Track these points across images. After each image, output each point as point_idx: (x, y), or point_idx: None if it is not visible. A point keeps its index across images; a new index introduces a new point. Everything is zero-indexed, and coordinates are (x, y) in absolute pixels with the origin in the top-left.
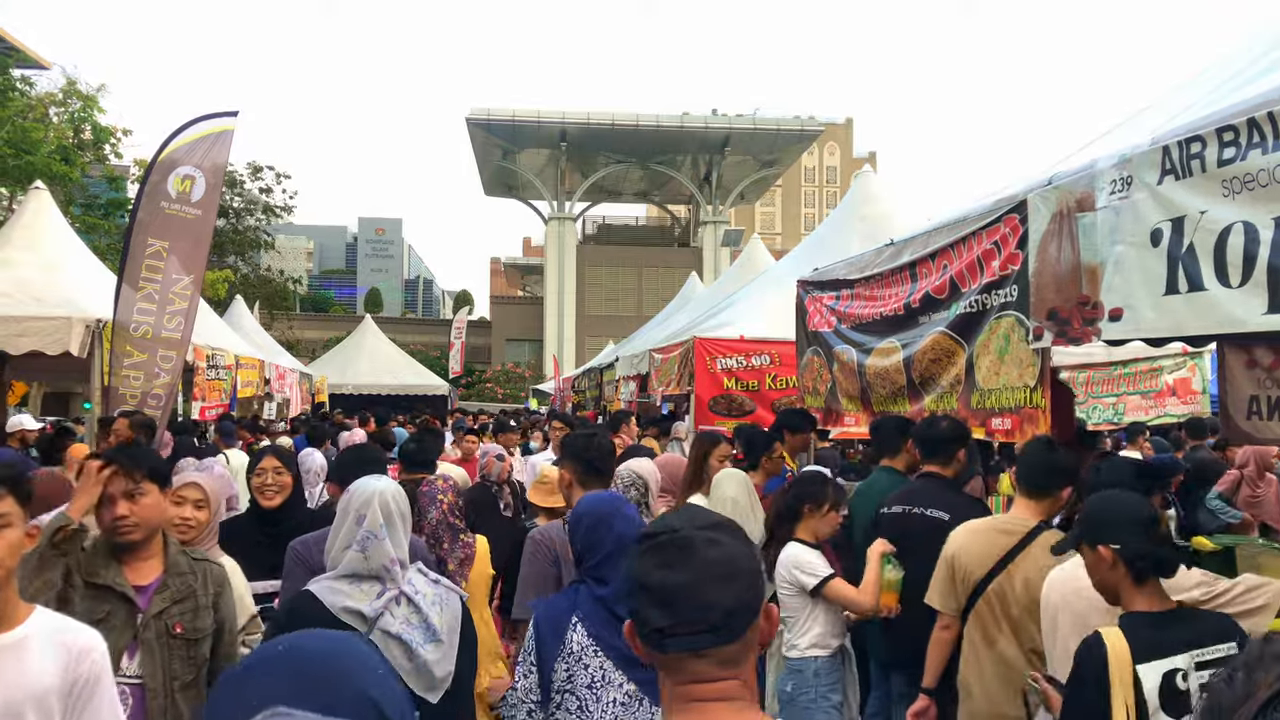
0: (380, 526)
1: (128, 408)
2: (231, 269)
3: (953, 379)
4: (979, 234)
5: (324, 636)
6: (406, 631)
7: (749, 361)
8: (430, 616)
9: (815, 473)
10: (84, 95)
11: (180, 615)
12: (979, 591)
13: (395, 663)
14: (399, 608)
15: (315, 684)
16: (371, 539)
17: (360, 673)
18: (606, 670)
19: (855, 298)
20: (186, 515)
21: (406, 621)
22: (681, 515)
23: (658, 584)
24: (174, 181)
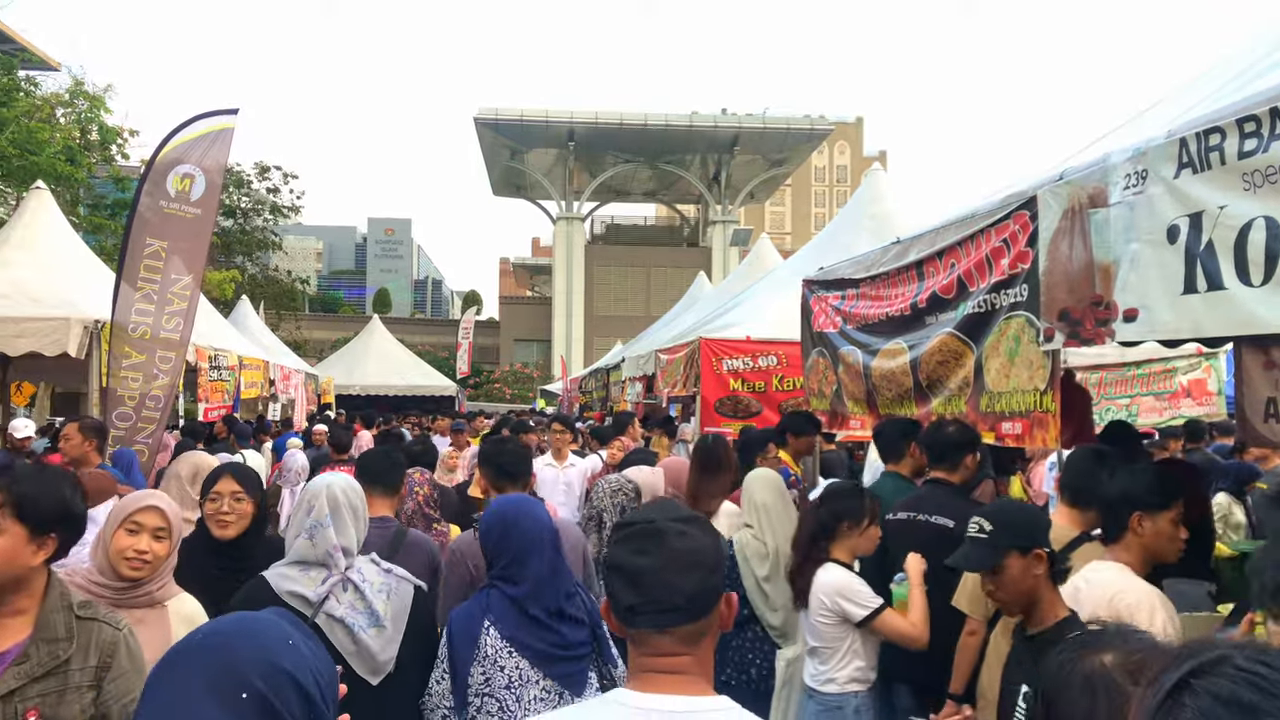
0: (326, 516)
1: (125, 409)
2: (239, 269)
3: (961, 381)
4: (987, 231)
5: (238, 618)
6: (350, 615)
7: (755, 362)
8: (374, 603)
9: (849, 485)
10: (91, 96)
11: (39, 698)
12: None
13: (339, 645)
14: (344, 593)
15: (229, 664)
16: (318, 527)
17: (271, 647)
18: (523, 669)
19: (861, 297)
20: (142, 548)
21: (351, 606)
22: (657, 508)
23: (630, 567)
24: (173, 180)
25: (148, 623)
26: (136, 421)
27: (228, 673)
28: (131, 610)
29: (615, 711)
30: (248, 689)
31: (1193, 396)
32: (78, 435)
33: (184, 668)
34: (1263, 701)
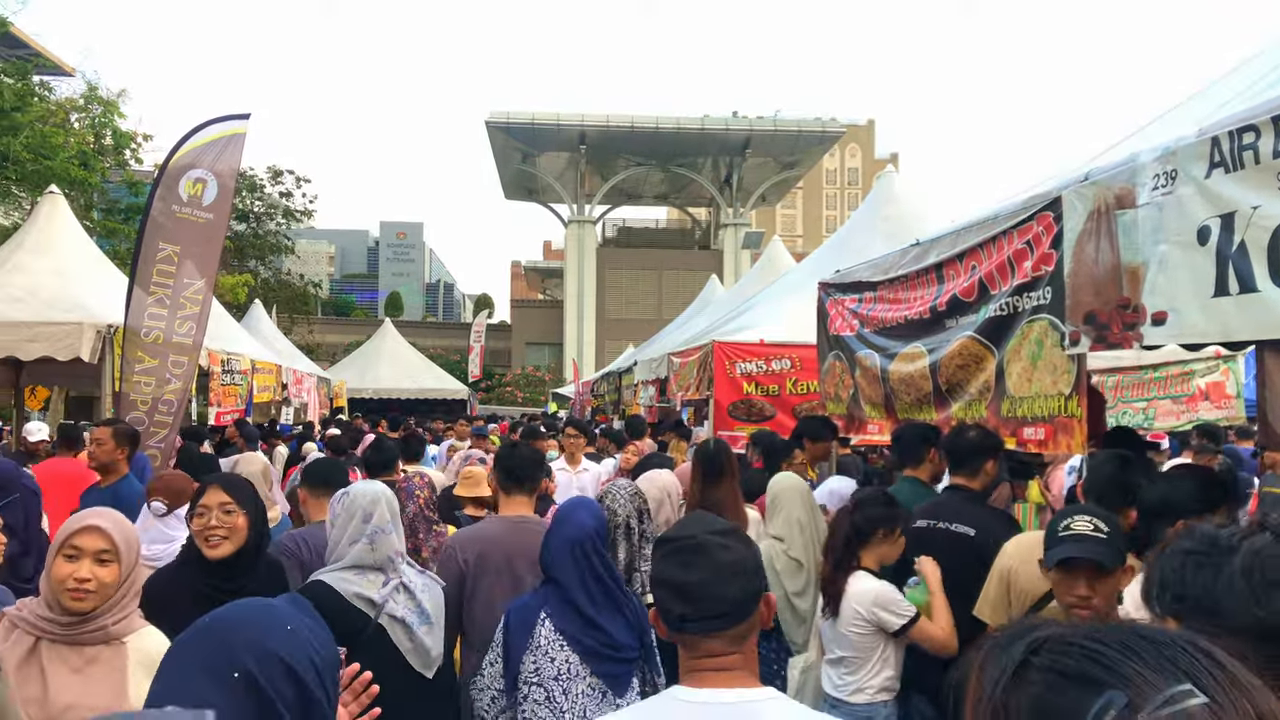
0: (388, 523)
1: (138, 414)
2: (252, 273)
3: (981, 386)
4: (1010, 233)
5: (240, 605)
6: (408, 615)
7: (769, 366)
8: (423, 602)
9: (881, 493)
10: (105, 101)
11: None
12: (1036, 608)
13: (399, 643)
14: (400, 595)
15: (225, 645)
16: (380, 534)
17: (269, 633)
18: (573, 663)
19: (879, 300)
20: (83, 576)
21: (407, 607)
22: (696, 522)
23: (678, 581)
24: (185, 185)
25: (101, 662)
26: (149, 426)
27: (222, 653)
28: (83, 648)
29: (674, 707)
30: (239, 669)
31: (1211, 400)
32: (110, 440)
33: (188, 648)
34: (1108, 675)
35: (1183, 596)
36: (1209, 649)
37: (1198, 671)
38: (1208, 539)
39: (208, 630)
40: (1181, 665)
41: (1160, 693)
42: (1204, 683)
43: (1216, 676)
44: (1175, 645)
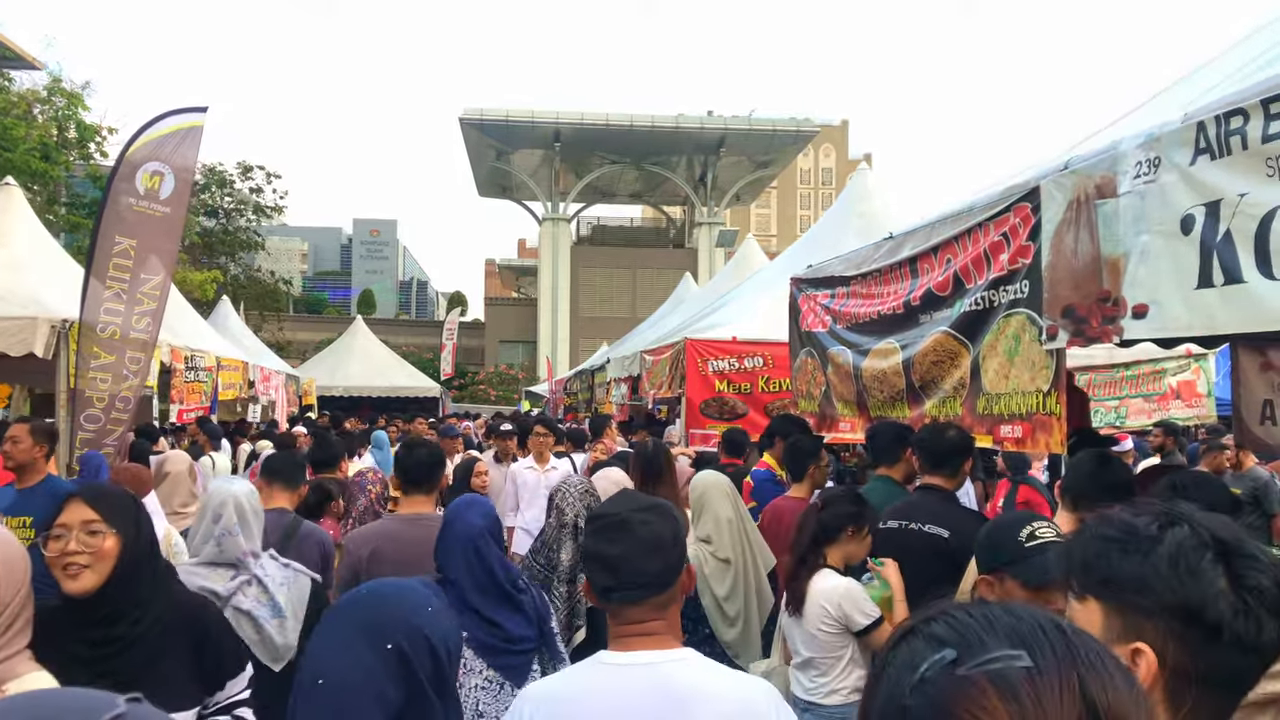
0: (235, 525)
1: (94, 410)
2: (221, 270)
3: (956, 382)
4: (986, 225)
5: (395, 584)
6: (256, 609)
7: (741, 364)
8: (276, 596)
9: (850, 491)
10: (68, 93)
11: None
12: None
13: (244, 635)
14: (250, 589)
15: (379, 619)
16: (226, 535)
17: (414, 610)
18: (467, 659)
19: (851, 295)
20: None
21: (256, 600)
22: (621, 501)
23: (603, 554)
24: (142, 178)
25: None
26: (105, 424)
27: (378, 625)
28: None
29: (598, 670)
30: (392, 641)
31: (1182, 398)
32: (27, 439)
33: (345, 615)
34: (954, 638)
35: (1109, 580)
36: (1064, 627)
37: (1037, 643)
38: (1127, 527)
39: (364, 602)
40: (1024, 635)
41: (989, 654)
42: (1038, 653)
43: (1055, 650)
44: (1030, 621)
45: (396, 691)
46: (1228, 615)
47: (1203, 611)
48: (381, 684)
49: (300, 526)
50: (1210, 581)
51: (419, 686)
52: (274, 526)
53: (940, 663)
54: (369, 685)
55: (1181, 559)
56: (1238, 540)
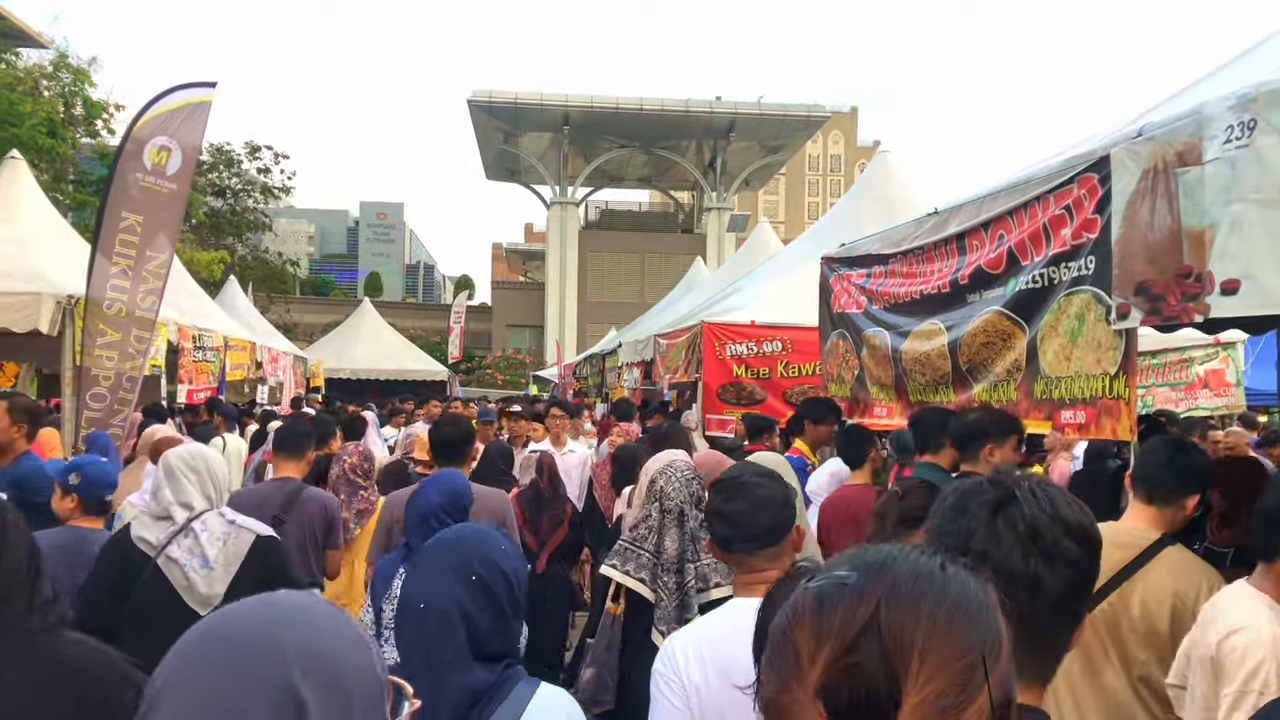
0: (162, 478)
1: (100, 389)
2: (228, 250)
3: (1010, 365)
4: (1045, 198)
5: (473, 528)
6: (185, 558)
7: (760, 348)
8: (208, 549)
9: (922, 482)
10: (75, 69)
11: None
12: None
13: (174, 581)
14: (185, 539)
15: (465, 556)
16: (157, 488)
17: (490, 548)
18: None
19: (890, 275)
20: None
21: (189, 551)
22: (741, 468)
23: (722, 510)
24: (150, 153)
25: None
26: (112, 403)
27: (462, 562)
28: None
29: (737, 613)
30: (475, 573)
31: (1210, 387)
32: (4, 416)
33: (439, 554)
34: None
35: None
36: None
37: (865, 568)
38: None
39: (451, 543)
40: (857, 562)
41: (829, 574)
42: (861, 574)
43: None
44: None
45: (480, 613)
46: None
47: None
48: (467, 607)
49: (303, 492)
50: (974, 517)
51: (499, 608)
52: (277, 492)
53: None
54: (457, 609)
55: (958, 505)
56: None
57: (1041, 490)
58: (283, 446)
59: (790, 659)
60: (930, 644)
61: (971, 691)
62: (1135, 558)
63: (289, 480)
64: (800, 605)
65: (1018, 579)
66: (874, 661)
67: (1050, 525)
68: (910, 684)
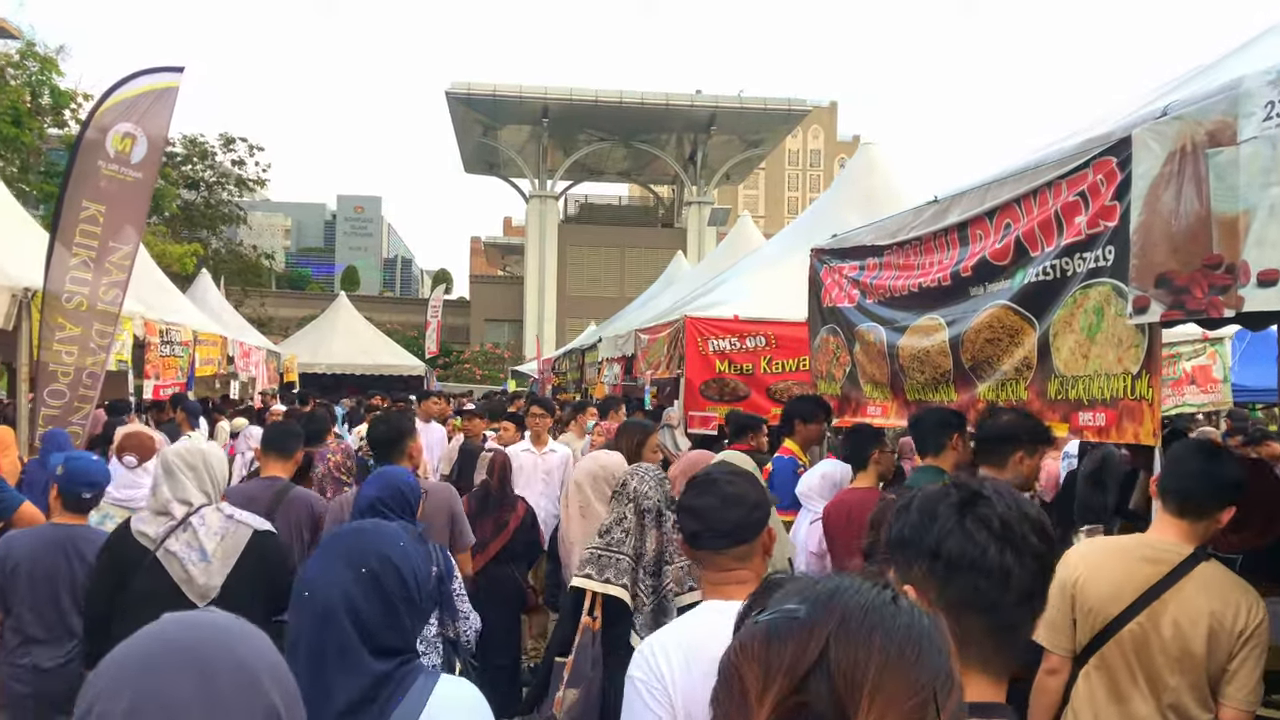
0: (161, 475)
1: (58, 386)
2: (202, 243)
3: (1019, 363)
4: (1057, 184)
5: (373, 523)
6: (183, 551)
7: (743, 343)
8: (206, 543)
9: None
10: (42, 57)
11: None
12: (1109, 632)
13: (174, 574)
14: (183, 534)
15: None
16: (158, 486)
17: (387, 543)
18: None
19: (885, 267)
20: None
21: (187, 544)
22: (715, 466)
23: (692, 505)
24: (113, 140)
25: None
26: (72, 400)
27: (356, 553)
28: None
29: (713, 616)
30: (367, 566)
31: (1198, 384)
32: None
33: (332, 544)
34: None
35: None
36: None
37: (815, 601)
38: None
39: (347, 535)
40: (807, 594)
41: (779, 607)
42: (810, 608)
43: (823, 608)
44: (824, 584)
45: (368, 605)
46: (960, 545)
47: (940, 546)
48: (354, 598)
49: (289, 491)
50: (944, 520)
51: (389, 602)
52: (265, 491)
53: (754, 619)
54: (344, 599)
55: (922, 508)
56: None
57: (1004, 489)
58: (271, 446)
59: (738, 695)
60: (881, 682)
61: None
62: (1167, 575)
63: (276, 480)
64: (749, 640)
65: (992, 573)
66: (823, 700)
67: (1019, 521)
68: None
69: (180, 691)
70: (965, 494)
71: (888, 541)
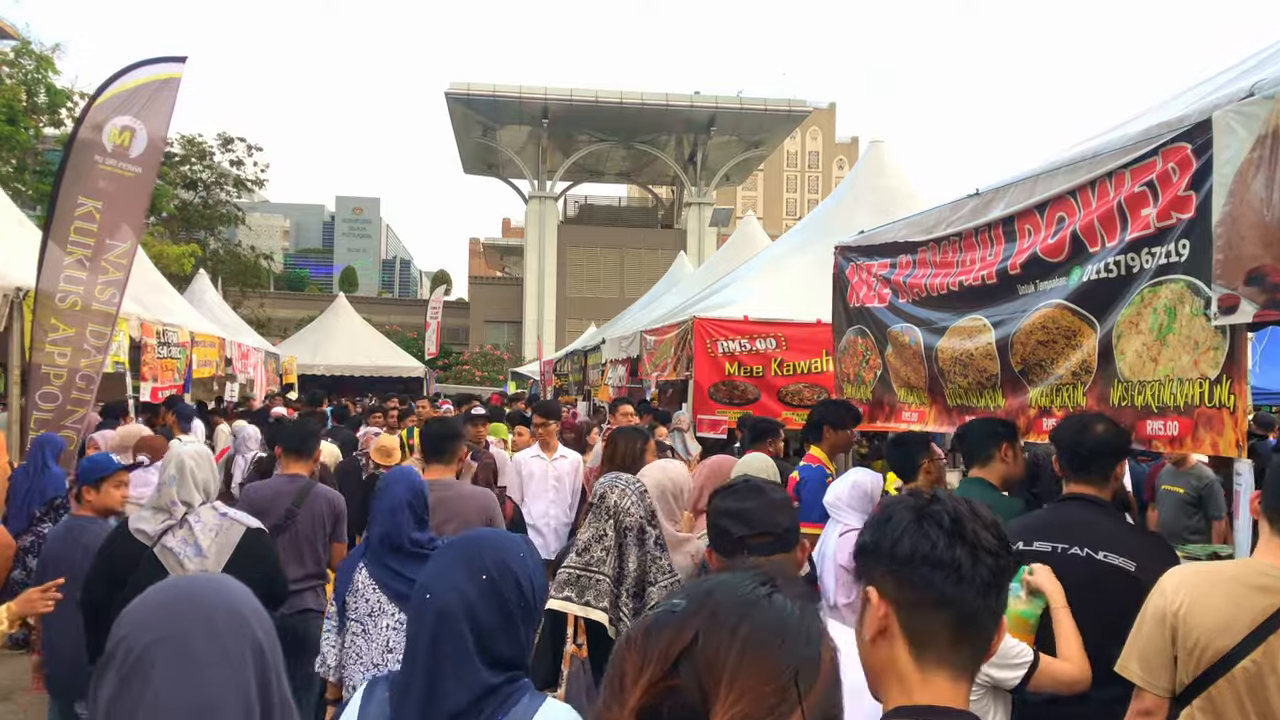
0: (172, 476)
1: (50, 388)
2: (200, 244)
3: (1076, 366)
4: (1119, 174)
5: (493, 532)
6: (179, 548)
7: (753, 345)
8: (201, 539)
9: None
10: (37, 55)
11: None
12: (1218, 670)
13: (170, 568)
14: (180, 530)
15: (477, 553)
16: (164, 485)
17: (507, 551)
18: (382, 602)
19: (920, 264)
20: None
21: (183, 541)
22: (748, 474)
23: (739, 507)
24: (110, 133)
25: None
26: (64, 403)
27: (476, 559)
28: None
29: None
30: (486, 573)
31: None
32: None
33: (453, 550)
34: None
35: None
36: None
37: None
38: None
39: (466, 542)
40: (690, 590)
41: (666, 601)
42: (689, 603)
43: (697, 602)
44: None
45: (487, 613)
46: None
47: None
48: (473, 604)
49: (312, 489)
50: (898, 523)
51: (507, 611)
52: (289, 487)
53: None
54: (462, 604)
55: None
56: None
57: (957, 496)
58: (291, 446)
59: (616, 681)
60: (740, 668)
61: (782, 713)
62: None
63: (299, 477)
64: (634, 630)
65: (944, 565)
66: (690, 685)
67: (970, 518)
68: (719, 705)
69: (189, 626)
70: (921, 500)
71: (856, 547)
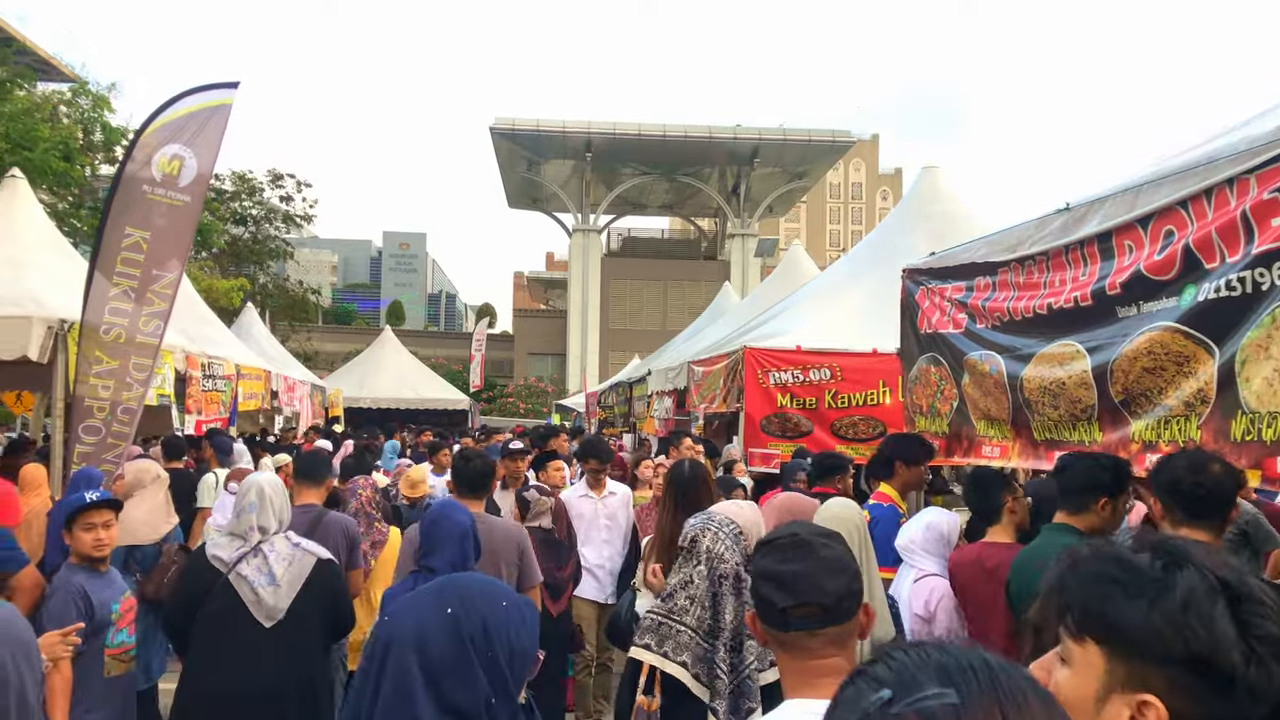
0: (252, 503)
1: (94, 421)
2: (249, 279)
3: (1191, 396)
4: (1241, 181)
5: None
6: (254, 576)
7: (806, 375)
8: (275, 568)
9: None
10: (94, 94)
11: None
12: None
13: (244, 596)
14: (254, 559)
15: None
16: (244, 511)
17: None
18: None
19: (1001, 286)
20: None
21: (258, 569)
22: (797, 525)
23: (782, 573)
24: (159, 162)
25: None
26: (106, 436)
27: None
28: None
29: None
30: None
31: None
32: None
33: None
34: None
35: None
36: (991, 663)
37: (965, 681)
38: (1130, 566)
39: (450, 581)
40: (952, 673)
41: (921, 692)
42: (964, 689)
43: (980, 686)
44: (960, 659)
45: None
46: (1240, 666)
47: (1215, 662)
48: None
49: (325, 516)
50: (1224, 631)
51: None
52: (302, 518)
53: (878, 702)
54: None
55: (1193, 607)
56: (1243, 583)
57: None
58: (303, 474)
59: None
60: None
61: None
62: None
63: (311, 506)
64: None
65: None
66: None
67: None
68: None
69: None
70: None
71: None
